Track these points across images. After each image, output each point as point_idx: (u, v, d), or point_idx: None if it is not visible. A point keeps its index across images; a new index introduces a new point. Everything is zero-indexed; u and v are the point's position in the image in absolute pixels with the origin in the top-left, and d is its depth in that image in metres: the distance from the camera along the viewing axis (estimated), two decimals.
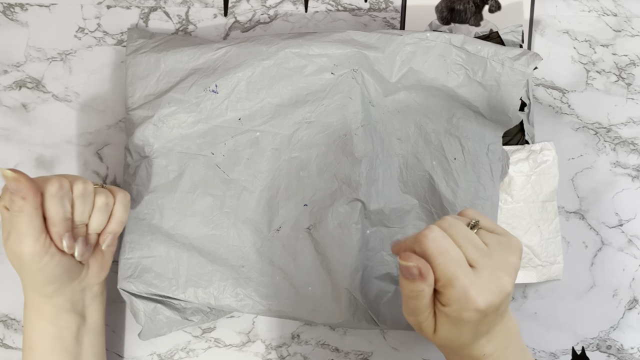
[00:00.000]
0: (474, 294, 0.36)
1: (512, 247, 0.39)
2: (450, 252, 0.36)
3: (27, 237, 0.41)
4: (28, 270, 0.43)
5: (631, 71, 0.57)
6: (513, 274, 0.38)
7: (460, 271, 0.36)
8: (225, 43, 0.52)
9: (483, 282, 0.36)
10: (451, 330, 0.38)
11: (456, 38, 0.51)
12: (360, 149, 0.50)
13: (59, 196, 0.42)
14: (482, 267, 0.37)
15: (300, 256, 0.50)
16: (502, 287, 0.37)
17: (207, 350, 0.55)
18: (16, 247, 0.42)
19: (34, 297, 0.45)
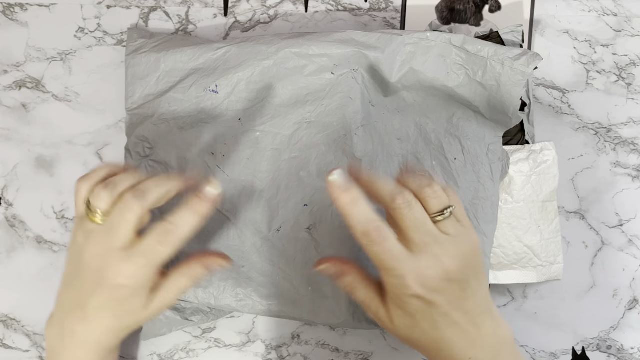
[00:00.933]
0: (409, 280, 0.37)
1: (467, 241, 0.39)
2: (392, 249, 0.37)
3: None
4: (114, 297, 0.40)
5: (631, 71, 0.57)
6: (459, 262, 0.38)
7: (398, 261, 0.37)
8: (225, 43, 0.52)
9: (420, 268, 0.37)
10: (405, 319, 0.39)
11: (456, 38, 0.51)
12: (360, 149, 0.50)
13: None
14: (423, 252, 0.37)
15: (301, 256, 0.50)
16: (442, 271, 0.37)
17: (207, 351, 0.55)
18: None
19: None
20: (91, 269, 0.40)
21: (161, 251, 0.39)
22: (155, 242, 0.39)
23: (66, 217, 0.56)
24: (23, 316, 0.55)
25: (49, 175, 0.56)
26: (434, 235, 0.38)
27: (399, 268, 0.37)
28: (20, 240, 0.56)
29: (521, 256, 0.53)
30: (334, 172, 0.38)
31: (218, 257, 0.43)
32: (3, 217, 0.56)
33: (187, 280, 0.42)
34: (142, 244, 0.39)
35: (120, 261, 0.39)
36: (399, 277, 0.37)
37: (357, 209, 0.38)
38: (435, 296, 0.37)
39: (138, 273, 0.39)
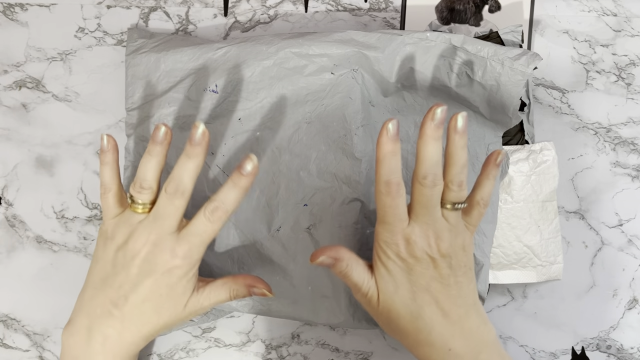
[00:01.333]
0: (398, 239, 0.41)
1: (462, 235, 0.42)
2: (400, 199, 0.41)
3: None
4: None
5: (631, 71, 0.57)
6: (446, 247, 0.41)
7: (397, 218, 0.41)
8: (225, 43, 0.52)
9: (412, 234, 0.41)
10: (388, 281, 0.41)
11: (456, 38, 0.51)
12: (360, 149, 0.50)
13: None
14: (419, 224, 0.41)
15: (300, 256, 0.50)
16: (428, 246, 0.41)
17: (207, 350, 0.55)
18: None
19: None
20: (141, 257, 0.41)
21: (212, 227, 0.42)
22: (206, 220, 0.42)
23: (66, 217, 0.56)
24: (23, 316, 0.55)
25: (49, 175, 0.56)
26: (436, 219, 0.41)
27: (395, 224, 0.41)
28: (20, 240, 0.56)
29: (521, 256, 0.53)
30: (392, 121, 0.40)
31: (264, 286, 0.44)
32: (3, 217, 0.56)
33: (226, 294, 0.44)
34: (193, 225, 0.42)
35: (174, 243, 0.41)
36: (391, 232, 0.41)
37: (392, 160, 0.41)
38: (416, 263, 0.40)
39: (192, 251, 0.42)
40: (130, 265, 0.42)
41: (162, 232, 0.42)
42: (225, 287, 0.44)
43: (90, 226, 0.56)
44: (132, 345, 0.43)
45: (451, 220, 0.42)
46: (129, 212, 0.43)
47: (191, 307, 0.43)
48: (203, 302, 0.44)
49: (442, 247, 0.41)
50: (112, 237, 0.43)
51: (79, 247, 0.56)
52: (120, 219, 0.43)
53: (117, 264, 0.42)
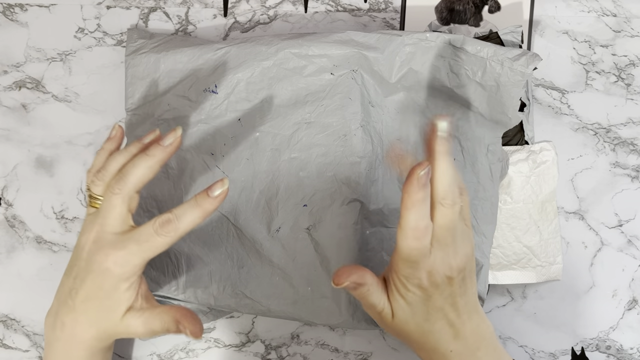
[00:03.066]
0: (420, 271, 0.39)
1: (470, 241, 0.41)
2: (423, 242, 0.38)
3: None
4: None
5: (631, 72, 0.57)
6: (462, 261, 0.39)
7: (421, 257, 0.38)
8: (224, 43, 0.52)
9: (435, 262, 0.39)
10: (404, 310, 0.40)
11: (456, 38, 0.51)
12: (360, 150, 0.50)
13: None
14: (440, 249, 0.39)
15: (300, 257, 0.50)
16: (448, 269, 0.39)
17: (206, 351, 0.55)
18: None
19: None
20: (84, 253, 0.41)
21: (157, 240, 0.39)
22: (152, 230, 0.39)
23: (66, 217, 0.56)
24: (23, 316, 0.55)
25: (48, 176, 0.56)
26: (454, 235, 0.39)
27: (420, 262, 0.39)
28: (20, 240, 0.56)
29: (520, 256, 0.53)
30: (422, 168, 0.38)
31: (190, 325, 0.40)
32: (3, 217, 0.56)
33: (160, 325, 0.41)
34: (137, 231, 0.40)
35: (110, 245, 0.40)
36: (414, 268, 0.39)
37: (422, 207, 0.38)
38: (435, 290, 0.39)
39: (127, 259, 0.39)
40: (80, 258, 0.41)
41: (102, 230, 0.40)
42: (159, 317, 0.41)
43: None
44: (85, 340, 0.42)
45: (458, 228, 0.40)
46: (89, 204, 0.43)
47: (127, 323, 0.41)
48: (138, 328, 0.41)
49: (459, 263, 0.39)
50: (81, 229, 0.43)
51: None
52: (88, 209, 0.44)
53: (74, 255, 0.42)
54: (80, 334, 0.42)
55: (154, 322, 0.41)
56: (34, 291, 0.55)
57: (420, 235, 0.38)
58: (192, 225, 0.40)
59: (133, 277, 0.40)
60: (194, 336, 0.40)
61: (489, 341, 0.42)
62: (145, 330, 0.42)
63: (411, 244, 0.38)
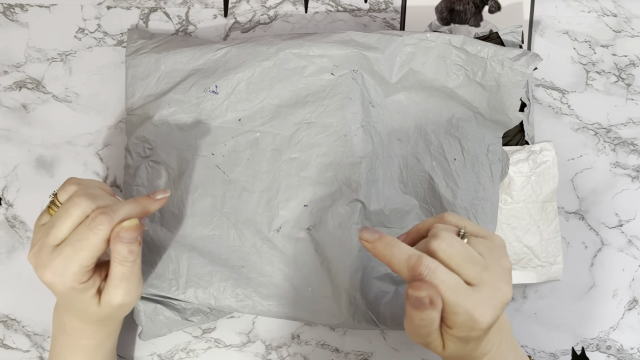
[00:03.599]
0: (478, 315, 0.35)
1: (501, 249, 0.38)
2: (448, 281, 0.35)
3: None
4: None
5: (631, 72, 0.57)
6: (510, 279, 0.37)
7: (460, 296, 0.35)
8: (225, 44, 0.52)
9: (485, 300, 0.36)
10: (460, 346, 0.38)
11: (456, 39, 0.51)
12: (360, 150, 0.50)
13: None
14: (482, 284, 0.36)
15: (301, 257, 0.50)
16: (504, 297, 0.36)
17: (207, 351, 0.55)
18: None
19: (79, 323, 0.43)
20: (32, 266, 0.39)
21: (90, 236, 0.37)
22: (85, 227, 0.38)
23: None
24: (23, 316, 0.55)
25: (49, 176, 0.56)
26: (480, 263, 0.37)
27: (463, 303, 0.35)
28: (20, 240, 0.56)
29: (521, 256, 0.53)
30: (362, 230, 0.38)
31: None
32: (3, 218, 0.56)
33: (119, 266, 0.39)
34: (73, 233, 0.38)
35: (48, 259, 0.38)
36: (464, 313, 0.35)
37: (395, 250, 0.37)
38: (494, 321, 0.37)
39: (64, 269, 0.38)
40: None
41: (45, 241, 0.38)
42: (114, 264, 0.39)
43: None
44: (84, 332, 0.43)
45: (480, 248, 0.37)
46: (45, 211, 0.41)
47: (104, 304, 0.40)
48: (111, 299, 0.40)
49: (507, 284, 0.37)
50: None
51: None
52: (40, 217, 0.41)
53: None
54: (78, 325, 0.43)
55: (115, 279, 0.40)
56: (34, 291, 0.55)
57: (422, 270, 0.35)
58: (127, 215, 0.39)
59: (77, 282, 0.39)
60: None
61: (507, 333, 0.41)
62: (123, 293, 0.40)
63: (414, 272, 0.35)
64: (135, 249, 0.39)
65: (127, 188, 0.52)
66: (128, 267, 0.39)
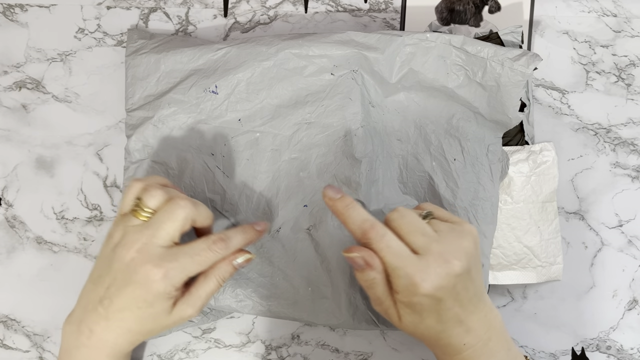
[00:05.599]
0: (418, 279, 0.38)
1: (465, 232, 0.40)
2: (392, 246, 0.39)
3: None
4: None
5: (631, 72, 0.57)
6: (463, 257, 0.39)
7: (402, 260, 0.38)
8: (225, 44, 0.52)
9: (428, 267, 0.38)
10: (412, 315, 0.40)
11: (456, 39, 0.51)
12: (360, 150, 0.50)
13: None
14: (428, 253, 0.38)
15: (300, 257, 0.50)
16: (450, 269, 0.38)
17: (207, 351, 0.55)
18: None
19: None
20: (124, 263, 0.40)
21: (208, 255, 0.41)
22: (205, 245, 0.41)
23: (66, 217, 0.56)
24: (23, 317, 0.55)
25: (49, 176, 0.56)
26: (431, 235, 0.39)
27: (404, 267, 0.38)
28: (20, 240, 0.56)
29: (521, 257, 0.53)
30: (327, 188, 0.42)
31: (242, 251, 0.43)
32: (3, 218, 0.56)
33: (215, 283, 0.42)
34: (190, 245, 0.40)
35: (159, 257, 0.40)
36: (405, 276, 0.38)
37: (352, 212, 0.40)
38: (443, 293, 0.38)
39: (175, 273, 0.40)
40: (116, 269, 0.40)
41: (151, 242, 0.40)
42: (212, 279, 0.42)
43: (90, 227, 0.56)
44: (116, 346, 0.42)
45: (441, 228, 0.40)
46: (130, 215, 0.42)
47: (178, 314, 0.42)
48: (192, 306, 0.42)
49: (459, 259, 0.39)
50: (111, 235, 0.42)
51: (79, 247, 0.56)
52: (122, 219, 0.42)
53: (109, 263, 0.41)
54: (112, 340, 0.42)
55: (208, 287, 0.42)
56: (35, 292, 0.55)
57: (373, 235, 0.39)
58: (238, 245, 0.42)
59: (175, 289, 0.40)
60: (253, 255, 0.44)
61: (498, 330, 0.42)
62: (203, 303, 0.42)
63: (376, 247, 0.39)
64: (234, 272, 0.43)
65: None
66: (220, 287, 0.43)
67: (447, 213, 0.43)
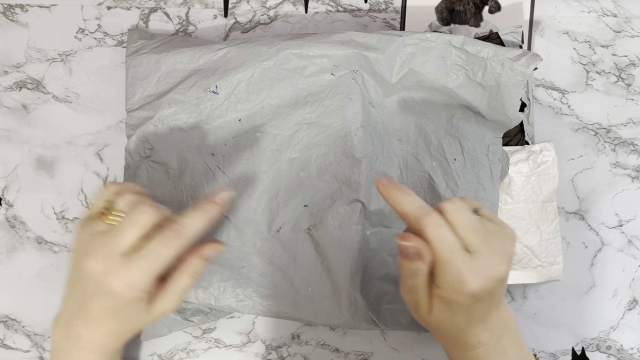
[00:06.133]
0: (467, 278, 0.37)
1: (510, 236, 0.40)
2: (447, 239, 0.37)
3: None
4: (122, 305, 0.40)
5: (631, 72, 0.57)
6: (508, 262, 0.39)
7: (455, 256, 0.37)
8: (225, 44, 0.52)
9: (478, 267, 0.37)
10: (445, 311, 0.39)
11: (456, 39, 0.51)
12: (360, 150, 0.50)
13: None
14: (479, 253, 0.38)
15: (301, 257, 0.50)
16: (496, 272, 0.38)
17: (207, 351, 0.55)
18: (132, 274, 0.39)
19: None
20: (90, 273, 0.39)
21: (165, 253, 0.39)
22: (159, 244, 0.39)
23: (66, 217, 0.56)
24: (23, 317, 0.55)
25: (49, 176, 0.56)
26: (483, 234, 0.38)
27: (456, 263, 0.37)
28: (20, 240, 0.56)
29: (521, 257, 0.53)
30: (380, 176, 0.40)
31: (211, 243, 0.42)
32: (3, 218, 0.56)
33: (189, 278, 0.42)
34: (145, 248, 0.39)
35: (118, 267, 0.39)
36: (455, 272, 0.37)
37: (408, 197, 0.39)
38: (485, 294, 0.38)
39: (137, 280, 0.39)
40: (84, 278, 0.39)
41: (112, 249, 0.39)
42: (184, 274, 0.41)
43: None
44: (104, 346, 0.42)
45: (490, 227, 0.40)
46: (97, 217, 0.41)
47: (157, 312, 0.41)
48: (168, 302, 0.41)
49: (504, 263, 0.39)
50: (77, 239, 0.41)
51: None
52: (89, 222, 0.41)
53: (78, 271, 0.40)
54: (100, 341, 0.42)
55: (181, 283, 0.41)
56: (35, 292, 0.55)
57: (428, 223, 0.37)
58: (199, 231, 0.40)
59: (143, 292, 0.40)
60: (222, 245, 0.42)
61: (512, 329, 0.42)
62: (178, 299, 0.42)
63: (429, 236, 0.37)
64: (206, 264, 0.42)
65: None
66: (195, 281, 0.42)
67: (490, 212, 0.42)
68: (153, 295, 0.41)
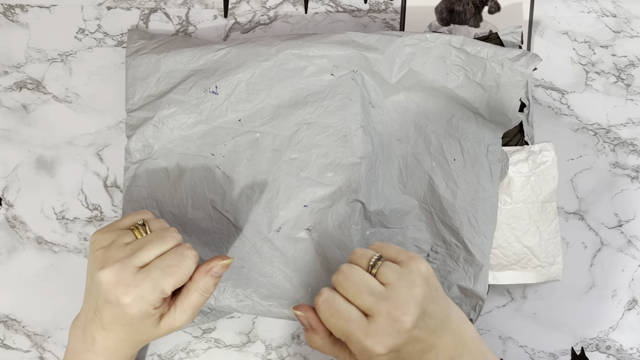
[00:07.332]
0: (369, 344, 0.38)
1: (413, 276, 0.39)
2: (340, 311, 0.39)
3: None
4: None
5: (630, 72, 0.57)
6: (413, 309, 0.38)
7: (352, 326, 0.38)
8: (225, 44, 0.52)
9: (378, 330, 0.38)
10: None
11: (456, 39, 0.51)
12: (360, 150, 0.50)
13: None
14: (377, 314, 0.38)
15: (300, 257, 0.50)
16: (401, 327, 0.38)
17: (207, 351, 0.55)
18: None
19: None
20: (103, 282, 0.40)
21: (181, 264, 0.40)
22: (177, 254, 0.41)
23: (66, 217, 0.56)
24: (23, 317, 0.55)
25: (49, 176, 0.56)
26: (378, 293, 0.39)
27: (355, 333, 0.38)
28: (20, 241, 0.56)
29: (520, 257, 0.53)
30: (295, 311, 0.43)
31: (219, 259, 0.43)
32: (4, 218, 0.56)
33: (198, 296, 0.42)
34: (161, 258, 0.40)
35: (131, 282, 0.39)
36: (357, 342, 0.38)
37: (316, 300, 0.41)
38: (400, 347, 0.38)
39: (148, 291, 0.39)
40: (97, 285, 0.40)
41: (130, 260, 0.39)
42: (193, 292, 0.42)
43: (91, 227, 0.56)
44: (117, 351, 0.43)
45: (390, 277, 0.39)
46: (128, 230, 0.42)
47: (165, 327, 0.42)
48: (178, 319, 0.42)
49: (408, 311, 0.38)
50: (97, 242, 0.42)
51: (79, 247, 0.56)
52: (116, 231, 0.42)
53: (94, 278, 0.41)
54: (113, 346, 0.43)
55: (191, 301, 0.42)
56: (35, 292, 0.55)
57: (325, 308, 0.40)
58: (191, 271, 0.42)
59: (152, 307, 0.40)
60: (230, 260, 0.43)
61: (470, 344, 0.41)
62: (189, 316, 0.42)
63: (331, 322, 0.40)
64: (217, 281, 0.43)
65: (127, 188, 0.52)
66: (205, 298, 0.42)
67: (396, 249, 0.41)
68: (163, 311, 0.42)
